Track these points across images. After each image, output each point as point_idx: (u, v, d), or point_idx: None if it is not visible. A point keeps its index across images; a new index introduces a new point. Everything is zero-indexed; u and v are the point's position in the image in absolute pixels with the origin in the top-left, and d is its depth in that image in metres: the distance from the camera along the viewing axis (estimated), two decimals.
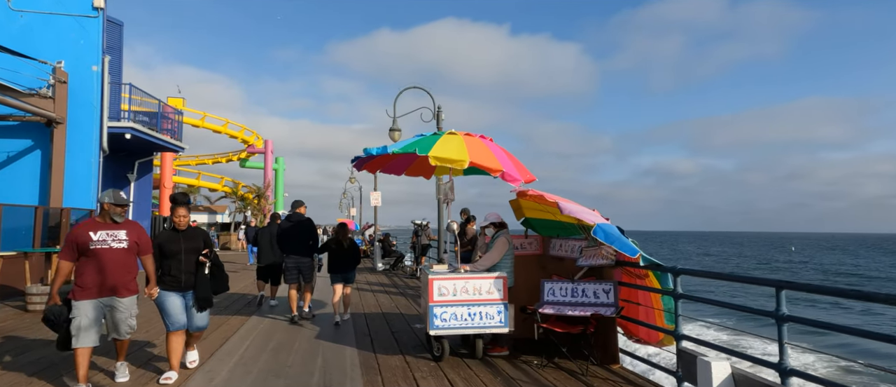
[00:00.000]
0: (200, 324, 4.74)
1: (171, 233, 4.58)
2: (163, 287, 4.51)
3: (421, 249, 14.28)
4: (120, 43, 15.56)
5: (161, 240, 4.55)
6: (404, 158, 6.79)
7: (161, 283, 4.51)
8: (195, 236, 4.66)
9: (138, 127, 13.75)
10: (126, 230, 4.20)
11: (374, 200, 23.19)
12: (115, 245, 4.10)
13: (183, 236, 4.56)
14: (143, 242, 4.32)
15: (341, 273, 7.50)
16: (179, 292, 4.58)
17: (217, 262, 4.80)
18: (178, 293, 4.57)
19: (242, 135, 35.07)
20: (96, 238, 4.06)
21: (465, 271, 5.28)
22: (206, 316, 4.78)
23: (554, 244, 6.19)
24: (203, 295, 4.63)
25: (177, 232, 4.57)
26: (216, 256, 4.82)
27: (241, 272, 15.64)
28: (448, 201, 6.25)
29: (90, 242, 4.03)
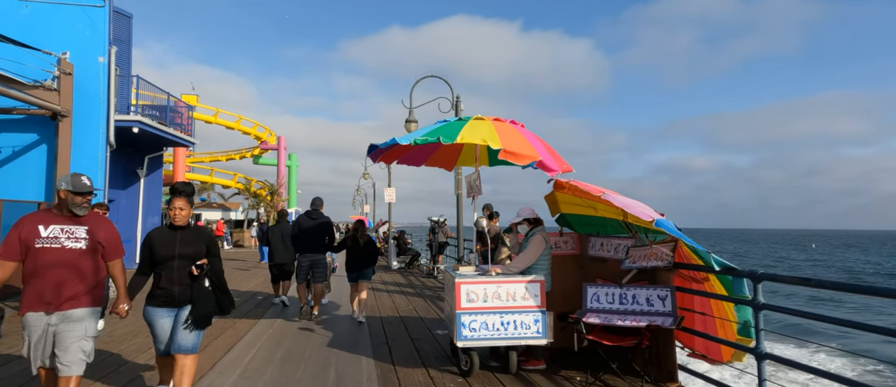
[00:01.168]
0: (185, 345, 3.51)
1: (166, 231, 3.54)
2: (152, 303, 3.55)
3: (438, 247, 13.67)
4: (129, 35, 15.16)
5: (151, 240, 3.54)
6: (424, 146, 6.18)
7: (151, 298, 3.56)
8: (196, 238, 3.57)
9: (146, 121, 13.33)
10: (88, 226, 3.24)
11: (389, 197, 22.65)
12: (70, 244, 3.16)
13: (180, 237, 3.51)
14: (111, 243, 3.32)
15: (359, 271, 7.30)
16: (172, 308, 3.53)
17: (217, 279, 3.59)
18: (169, 311, 3.53)
19: (255, 131, 34.77)
20: (45, 234, 3.13)
21: (497, 274, 4.64)
22: (195, 337, 3.57)
23: (594, 243, 5.52)
24: (202, 312, 3.50)
25: (173, 230, 3.53)
26: (218, 270, 3.62)
27: (252, 270, 15.18)
28: (474, 195, 5.61)
29: (36, 239, 3.12)
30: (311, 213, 7.46)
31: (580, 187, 4.44)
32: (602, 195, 4.15)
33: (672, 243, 4.24)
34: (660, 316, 4.15)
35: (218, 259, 3.61)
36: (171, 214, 3.50)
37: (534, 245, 4.78)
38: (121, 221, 15.27)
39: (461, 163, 6.62)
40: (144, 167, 15.80)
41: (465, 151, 6.44)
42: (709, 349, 4.48)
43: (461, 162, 6.63)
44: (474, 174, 5.56)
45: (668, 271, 4.31)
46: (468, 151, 6.42)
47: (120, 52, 14.27)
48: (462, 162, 6.63)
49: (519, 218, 4.98)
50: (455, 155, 6.50)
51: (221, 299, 3.61)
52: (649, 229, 4.75)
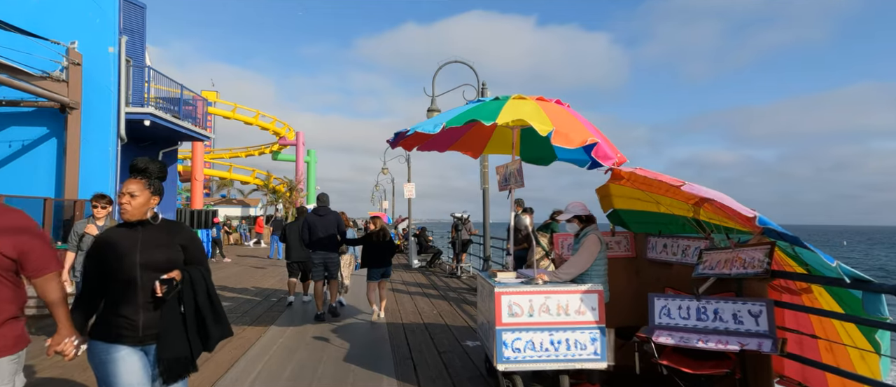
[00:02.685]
0: None
1: (121, 232, 2.36)
2: (98, 337, 2.30)
3: (461, 245, 12.92)
4: (142, 26, 14.70)
5: (99, 245, 2.35)
6: (450, 131, 5.42)
7: (101, 328, 2.31)
8: (166, 239, 2.39)
9: (158, 113, 12.84)
10: None
11: (408, 192, 21.98)
12: None
13: (142, 238, 2.34)
14: (32, 254, 2.14)
15: (381, 268, 7.22)
16: (136, 346, 2.31)
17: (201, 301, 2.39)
18: (133, 349, 2.30)
19: (274, 127, 34.47)
20: None
21: (544, 282, 3.86)
22: None
23: (654, 244, 4.70)
24: (172, 355, 2.29)
25: (132, 229, 2.36)
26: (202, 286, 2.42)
27: (269, 268, 14.65)
28: (511, 188, 4.83)
29: None
30: (319, 209, 7.25)
31: (648, 177, 3.62)
32: (682, 186, 3.33)
33: (767, 247, 3.41)
34: (754, 338, 3.32)
35: (204, 268, 2.48)
36: (120, 203, 2.36)
37: (588, 247, 3.98)
38: None
39: (490, 150, 5.84)
40: None
41: (496, 136, 5.66)
42: (808, 378, 3.64)
43: (490, 149, 5.85)
44: (512, 163, 4.78)
45: (761, 281, 3.47)
46: (499, 136, 5.64)
47: (133, 44, 13.82)
48: (491, 149, 5.85)
49: (568, 214, 4.19)
50: (484, 140, 5.72)
51: (206, 332, 2.41)
52: (730, 228, 3.92)
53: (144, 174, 2.41)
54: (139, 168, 2.41)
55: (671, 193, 4.14)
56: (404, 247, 22.71)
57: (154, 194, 2.44)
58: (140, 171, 2.41)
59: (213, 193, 44.36)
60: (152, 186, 2.42)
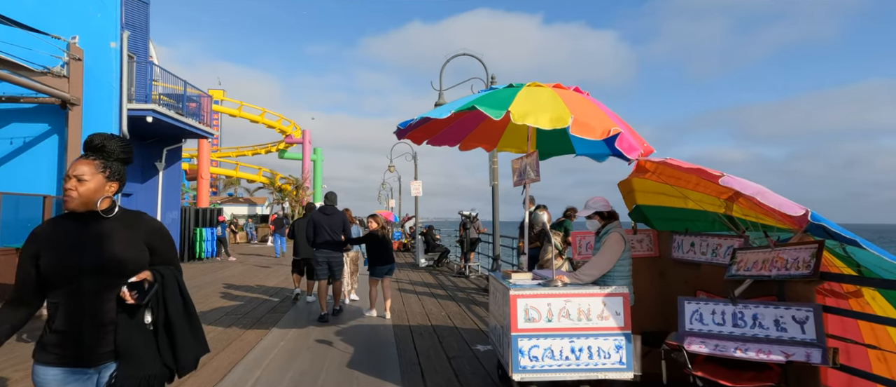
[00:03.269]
0: None
1: (67, 225, 1.87)
2: (46, 359, 1.82)
3: (469, 243, 12.60)
4: (146, 22, 14.54)
5: (37, 240, 1.86)
6: (462, 123, 5.11)
7: (44, 350, 1.83)
8: (126, 236, 1.89)
9: (161, 110, 12.63)
10: None
11: (415, 190, 21.70)
12: None
13: (96, 233, 1.85)
14: None
15: (387, 265, 7.15)
16: (84, 368, 1.84)
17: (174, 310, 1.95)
18: (79, 374, 1.84)
19: (279, 125, 34.33)
20: None
21: (563, 283, 3.54)
22: None
23: (680, 243, 4.36)
24: (138, 374, 1.84)
25: (77, 223, 1.86)
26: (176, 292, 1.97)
27: (274, 267, 14.41)
28: (526, 182, 4.52)
29: None
30: (326, 208, 7.16)
31: (681, 168, 3.29)
32: (720, 179, 3.00)
33: (813, 246, 3.07)
34: (800, 346, 2.98)
35: (176, 270, 2.01)
36: (65, 189, 1.87)
37: (610, 246, 3.66)
38: None
39: (505, 142, 5.52)
40: (163, 160, 15.18)
41: (512, 127, 5.34)
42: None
43: (506, 140, 5.53)
44: (528, 156, 4.46)
45: (808, 284, 3.13)
46: (515, 127, 5.32)
47: (136, 39, 13.63)
48: (507, 140, 5.53)
49: (588, 211, 3.86)
50: (498, 131, 5.40)
51: (178, 350, 1.95)
52: (769, 226, 3.58)
53: (100, 153, 1.88)
54: (94, 145, 1.89)
55: (701, 186, 3.80)
56: (411, 246, 22.43)
57: (111, 179, 1.89)
58: (95, 149, 1.88)
59: (220, 191, 44.34)
60: (109, 168, 1.88)
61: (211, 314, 7.31)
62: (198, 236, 16.30)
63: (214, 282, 11.07)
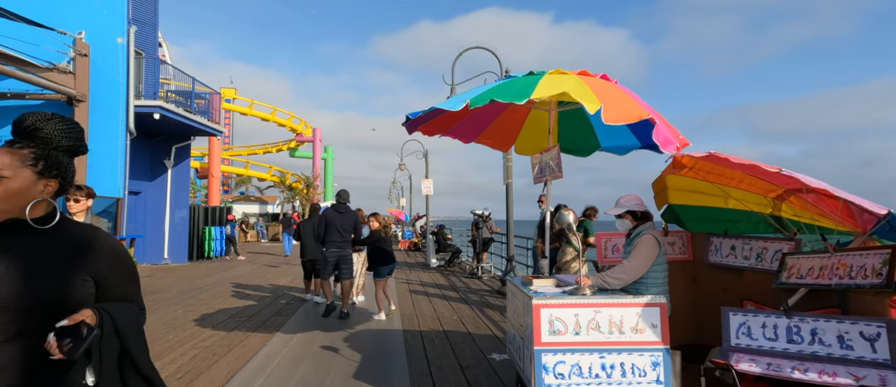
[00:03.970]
0: None
1: None
2: None
3: (482, 243, 12.24)
4: (154, 18, 14.36)
5: None
6: (476, 117, 4.75)
7: None
8: (68, 260, 1.35)
9: (167, 106, 12.44)
10: None
11: (426, 189, 21.37)
12: None
13: (15, 254, 1.30)
14: None
15: (389, 266, 7.10)
16: None
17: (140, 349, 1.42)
18: None
19: (290, 123, 34.23)
20: None
21: (591, 291, 3.17)
22: None
23: (717, 246, 3.96)
24: None
25: None
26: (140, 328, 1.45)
27: (282, 267, 14.17)
28: (548, 179, 4.15)
29: None
30: (339, 206, 7.02)
31: (730, 162, 2.89)
32: (781, 171, 2.60)
33: (885, 253, 2.67)
34: (871, 368, 2.59)
35: (137, 310, 1.49)
36: None
37: (644, 249, 3.28)
38: (148, 215, 14.57)
39: (522, 142, 5.15)
40: (172, 157, 15.02)
41: (530, 125, 4.98)
42: None
43: (523, 140, 5.16)
44: (549, 150, 4.10)
45: (879, 295, 2.73)
46: (534, 124, 4.96)
47: (145, 35, 13.46)
48: (524, 140, 5.15)
49: (620, 209, 3.48)
50: (514, 128, 5.04)
51: None
52: (826, 227, 3.17)
53: (29, 138, 1.34)
54: (24, 129, 1.35)
55: (746, 183, 3.41)
56: (422, 245, 22.12)
57: (46, 175, 1.36)
58: (25, 134, 1.35)
59: (232, 189, 44.44)
60: (43, 160, 1.35)
61: (215, 316, 7.04)
62: (207, 235, 16.12)
63: (222, 282, 10.84)
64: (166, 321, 6.71)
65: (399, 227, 32.99)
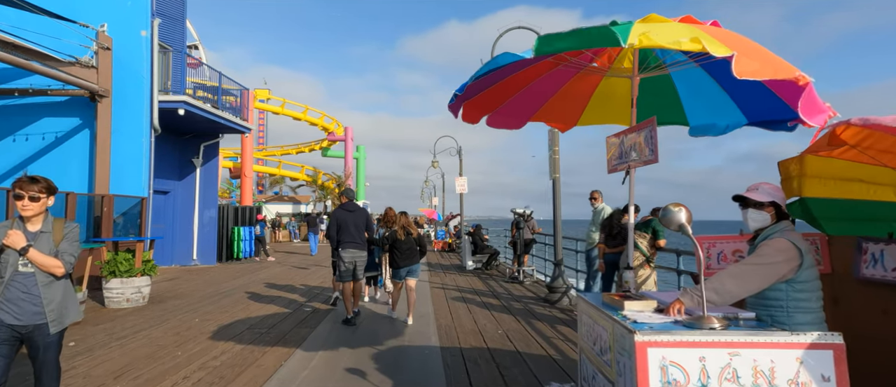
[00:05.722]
0: None
1: None
2: None
3: (524, 245, 11.25)
4: (182, 12, 13.95)
5: None
6: (533, 91, 3.82)
7: None
8: None
9: (192, 101, 11.95)
10: None
11: (460, 187, 20.51)
12: None
13: None
14: None
15: (406, 267, 6.69)
16: None
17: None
18: None
19: (322, 122, 33.98)
20: None
21: (720, 325, 2.19)
22: None
23: (875, 255, 2.90)
24: None
25: None
26: None
27: (311, 268, 13.55)
28: (631, 166, 3.19)
29: None
30: (348, 205, 6.74)
31: None
32: None
33: None
34: None
35: None
36: None
37: (773, 255, 2.31)
38: (177, 215, 14.21)
39: (590, 116, 4.17)
40: (200, 156, 14.63)
41: (601, 94, 4.00)
42: None
43: (591, 113, 4.18)
44: (634, 130, 3.13)
45: None
46: (607, 93, 3.98)
47: (172, 29, 13.06)
48: (593, 112, 4.18)
49: (765, 196, 2.47)
50: (581, 100, 4.07)
51: None
52: None
53: None
54: None
55: None
56: (456, 246, 21.24)
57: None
58: None
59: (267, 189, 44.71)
60: None
61: (232, 328, 6.34)
62: (236, 236, 15.69)
63: (247, 285, 10.23)
64: (179, 333, 6.04)
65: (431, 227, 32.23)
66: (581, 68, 3.62)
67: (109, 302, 7.62)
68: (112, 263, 7.64)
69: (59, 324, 2.83)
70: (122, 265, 7.64)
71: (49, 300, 2.78)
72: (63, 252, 2.80)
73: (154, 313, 7.21)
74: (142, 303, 7.84)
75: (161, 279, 10.93)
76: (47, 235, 2.80)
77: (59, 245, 2.81)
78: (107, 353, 5.13)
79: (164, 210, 13.77)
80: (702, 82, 3.51)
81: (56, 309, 2.81)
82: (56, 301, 2.81)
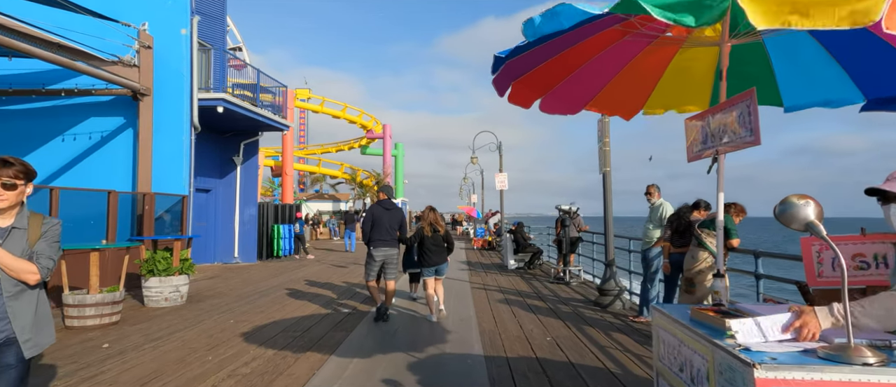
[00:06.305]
0: None
1: None
2: None
3: (569, 243, 10.62)
4: (222, 10, 14.03)
5: None
6: (594, 69, 3.29)
7: None
8: None
9: (230, 99, 11.92)
10: None
11: (500, 184, 19.94)
12: None
13: None
14: None
15: (433, 267, 6.68)
16: None
17: None
18: None
19: (360, 119, 34.08)
20: None
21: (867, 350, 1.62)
22: None
23: None
24: None
25: None
26: None
27: (350, 267, 13.35)
28: (722, 151, 2.63)
29: None
30: (385, 202, 6.72)
31: None
32: None
33: None
34: None
35: None
36: None
37: None
38: (219, 212, 14.33)
39: (661, 99, 3.61)
40: (240, 154, 14.70)
41: (672, 78, 3.43)
42: None
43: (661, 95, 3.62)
44: (725, 108, 2.57)
45: None
46: (678, 76, 3.41)
47: (213, 28, 13.12)
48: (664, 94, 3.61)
49: None
50: (648, 83, 3.51)
51: None
52: None
53: None
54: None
55: None
56: (496, 244, 20.70)
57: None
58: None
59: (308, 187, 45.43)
60: None
61: (266, 330, 6.09)
62: (275, 233, 15.72)
63: (285, 284, 10.09)
64: (212, 335, 5.83)
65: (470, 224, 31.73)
66: (652, 40, 3.08)
67: (148, 301, 7.56)
68: (150, 261, 7.57)
69: (35, 346, 2.24)
70: (161, 264, 7.56)
71: (16, 314, 2.17)
72: (39, 254, 2.21)
73: (191, 313, 7.08)
74: (180, 302, 7.74)
75: (202, 277, 10.94)
76: (21, 232, 2.21)
77: (36, 245, 2.22)
78: (138, 356, 4.94)
79: (206, 208, 13.89)
80: (804, 50, 2.90)
81: (28, 327, 2.21)
82: (27, 317, 2.21)
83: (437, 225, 6.72)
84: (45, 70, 10.27)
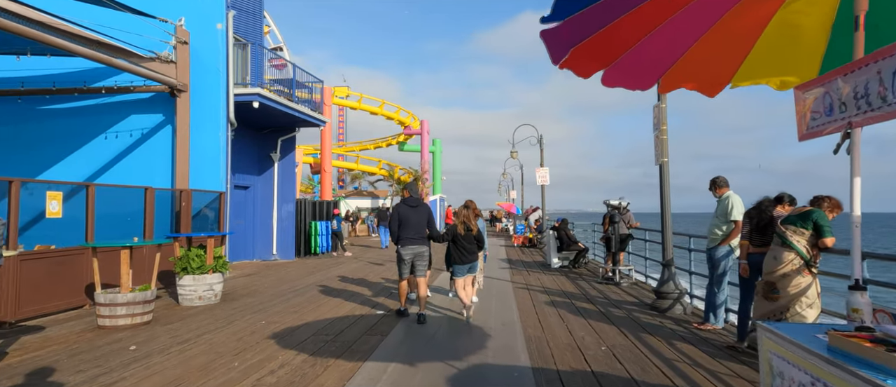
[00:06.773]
0: None
1: None
2: None
3: (619, 241, 9.88)
4: (259, 7, 13.92)
5: None
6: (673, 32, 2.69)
7: None
8: None
9: (266, 94, 11.75)
10: None
11: (541, 179, 19.22)
12: None
13: None
14: None
15: (466, 265, 6.46)
16: None
17: None
18: None
19: (398, 116, 33.89)
20: None
21: None
22: None
23: None
24: None
25: None
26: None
27: (387, 265, 13.01)
28: (856, 124, 1.99)
29: None
30: (410, 200, 6.60)
31: None
32: None
33: None
34: None
35: None
36: None
37: None
38: (257, 209, 14.30)
39: (753, 71, 2.96)
40: (278, 150, 14.63)
41: (771, 39, 2.78)
42: None
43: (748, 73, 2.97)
44: (865, 64, 1.94)
45: None
46: (779, 36, 2.76)
47: (249, 24, 13.02)
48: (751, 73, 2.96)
49: None
50: (740, 48, 2.87)
51: None
52: None
53: None
54: None
55: None
56: (537, 241, 19.98)
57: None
58: None
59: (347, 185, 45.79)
60: None
61: (297, 333, 5.75)
62: (313, 230, 15.59)
63: (321, 282, 9.82)
64: (241, 338, 5.53)
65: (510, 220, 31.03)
66: None
67: (182, 300, 7.39)
68: (184, 259, 7.40)
69: None
70: (194, 262, 7.37)
71: None
72: None
73: (223, 313, 6.85)
74: (214, 301, 7.55)
75: (239, 274, 10.84)
76: None
77: None
78: (163, 361, 4.67)
79: (245, 205, 13.88)
80: None
81: None
82: None
83: (470, 223, 6.51)
84: (85, 69, 10.37)
